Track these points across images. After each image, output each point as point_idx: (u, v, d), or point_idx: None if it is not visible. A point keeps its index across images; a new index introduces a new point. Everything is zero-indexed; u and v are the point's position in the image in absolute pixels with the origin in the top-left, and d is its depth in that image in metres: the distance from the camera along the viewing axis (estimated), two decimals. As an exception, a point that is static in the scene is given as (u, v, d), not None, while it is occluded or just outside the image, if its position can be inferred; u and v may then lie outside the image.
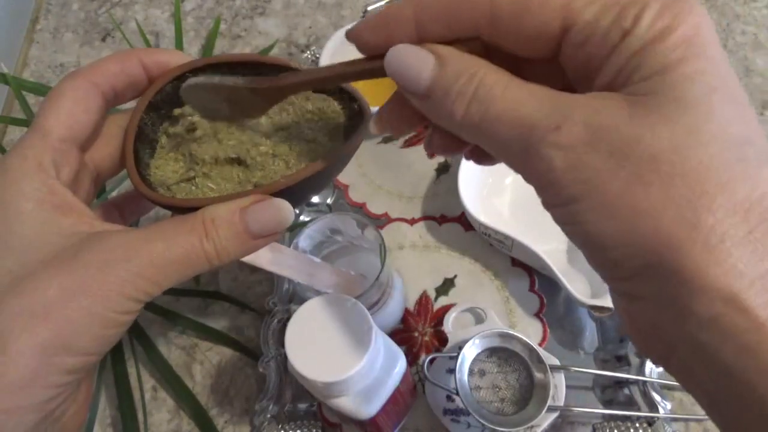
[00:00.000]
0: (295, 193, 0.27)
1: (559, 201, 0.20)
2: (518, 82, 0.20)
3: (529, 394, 0.40)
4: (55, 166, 0.26)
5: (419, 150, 0.56)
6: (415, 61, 0.21)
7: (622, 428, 0.42)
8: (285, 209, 0.26)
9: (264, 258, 0.38)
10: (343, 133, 0.30)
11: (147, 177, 0.29)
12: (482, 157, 0.26)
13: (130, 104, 0.30)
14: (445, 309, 0.48)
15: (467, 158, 0.27)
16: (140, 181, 0.28)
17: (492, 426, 0.39)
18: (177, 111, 0.30)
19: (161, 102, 0.30)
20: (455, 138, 0.23)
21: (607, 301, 0.41)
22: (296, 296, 0.49)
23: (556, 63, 0.21)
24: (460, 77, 0.20)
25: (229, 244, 0.26)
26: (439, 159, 0.55)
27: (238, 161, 0.29)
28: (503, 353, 0.41)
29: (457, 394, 0.39)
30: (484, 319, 0.45)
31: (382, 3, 0.62)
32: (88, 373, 0.27)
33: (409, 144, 0.56)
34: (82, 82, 0.27)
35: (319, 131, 0.30)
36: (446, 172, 0.54)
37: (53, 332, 0.23)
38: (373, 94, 0.56)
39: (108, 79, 0.28)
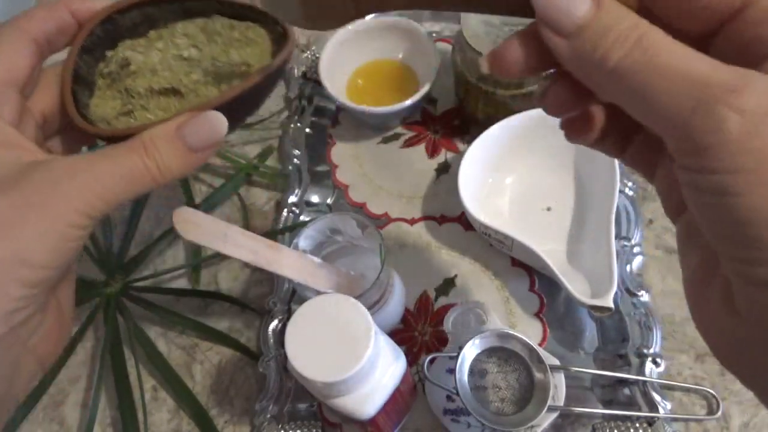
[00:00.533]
0: (229, 113, 0.29)
1: (718, 167, 0.18)
2: (682, 44, 0.19)
3: (529, 394, 0.40)
4: None
5: (419, 150, 0.56)
6: None
7: (622, 428, 0.42)
8: (219, 120, 0.28)
9: (264, 258, 0.38)
10: (272, 55, 0.32)
11: (88, 116, 0.30)
12: (581, 129, 0.25)
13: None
14: (445, 309, 0.48)
15: (563, 126, 0.25)
16: (80, 118, 0.29)
17: (492, 426, 0.39)
18: (110, 53, 0.31)
19: (93, 45, 0.31)
20: (579, 93, 0.22)
21: (607, 301, 0.41)
22: (296, 296, 0.49)
23: (702, 41, 0.20)
24: (623, 21, 0.19)
25: (170, 160, 0.27)
26: (439, 159, 0.55)
27: (174, 91, 0.31)
28: (503, 353, 0.41)
29: (457, 394, 0.39)
30: (484, 319, 0.45)
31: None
32: (52, 291, 0.28)
33: (409, 144, 0.56)
34: (9, 29, 0.28)
35: (248, 56, 0.31)
36: (446, 172, 0.54)
37: (6, 247, 0.24)
38: (374, 93, 0.56)
39: (36, 24, 0.29)
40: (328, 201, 0.54)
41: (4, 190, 0.25)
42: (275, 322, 0.48)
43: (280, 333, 0.47)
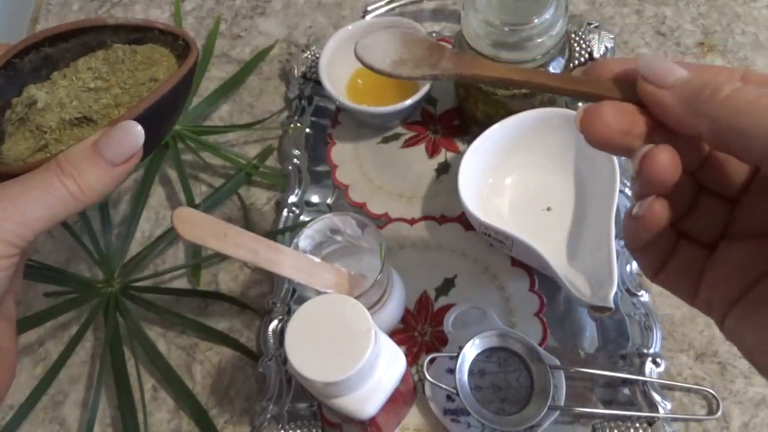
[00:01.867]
0: (145, 126, 0.28)
1: None
2: None
3: (529, 394, 0.40)
4: None
5: (419, 150, 0.56)
6: (669, 63, 0.22)
7: (622, 428, 0.42)
8: (134, 128, 0.27)
9: (264, 258, 0.38)
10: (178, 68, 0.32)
11: (2, 162, 0.30)
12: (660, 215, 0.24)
13: None
14: (445, 309, 0.48)
15: (643, 213, 0.23)
16: None
17: (492, 426, 0.39)
18: (15, 100, 0.31)
19: None
20: (685, 151, 0.22)
21: (607, 301, 0.41)
22: (296, 296, 0.49)
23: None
24: (720, 75, 0.22)
25: (90, 178, 0.27)
26: (440, 159, 0.55)
27: (86, 120, 0.30)
28: (503, 353, 0.41)
29: (457, 394, 0.39)
30: (484, 319, 0.45)
31: (382, 3, 0.62)
32: None
33: (409, 144, 0.56)
34: None
35: (155, 74, 0.31)
36: (446, 172, 0.54)
37: None
38: (374, 93, 0.56)
39: None
40: (328, 201, 0.54)
41: None
42: (275, 322, 0.48)
43: (280, 333, 0.47)
